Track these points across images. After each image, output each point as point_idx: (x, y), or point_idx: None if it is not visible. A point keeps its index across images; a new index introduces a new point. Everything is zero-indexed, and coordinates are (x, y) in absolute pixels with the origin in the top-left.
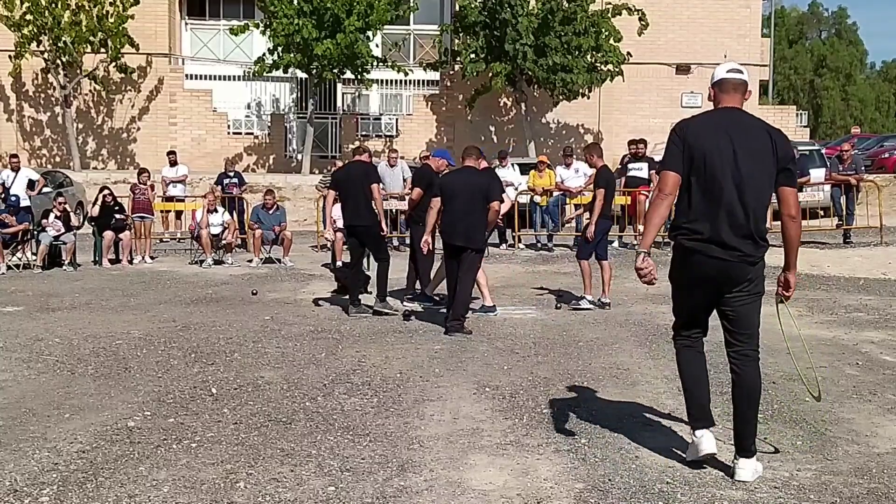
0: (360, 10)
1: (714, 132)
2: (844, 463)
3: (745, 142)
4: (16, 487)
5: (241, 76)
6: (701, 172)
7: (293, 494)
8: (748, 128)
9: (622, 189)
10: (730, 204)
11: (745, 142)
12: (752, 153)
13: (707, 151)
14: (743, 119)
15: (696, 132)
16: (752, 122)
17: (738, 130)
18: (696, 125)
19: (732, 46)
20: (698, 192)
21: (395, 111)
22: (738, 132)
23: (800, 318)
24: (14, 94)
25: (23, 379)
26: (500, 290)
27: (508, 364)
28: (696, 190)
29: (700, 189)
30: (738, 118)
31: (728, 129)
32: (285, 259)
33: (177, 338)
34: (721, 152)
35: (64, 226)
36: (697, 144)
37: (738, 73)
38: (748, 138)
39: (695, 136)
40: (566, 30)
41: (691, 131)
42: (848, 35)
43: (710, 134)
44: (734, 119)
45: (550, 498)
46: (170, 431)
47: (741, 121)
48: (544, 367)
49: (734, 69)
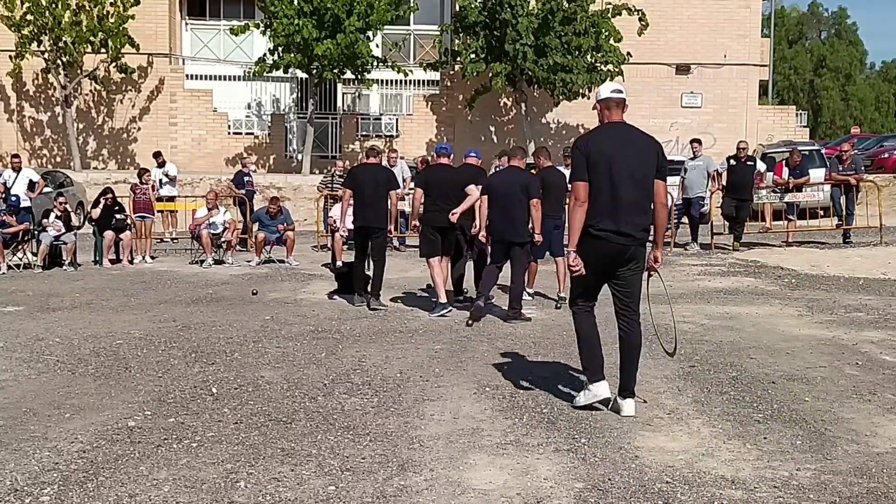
0: (360, 11)
1: (610, 144)
2: (844, 462)
3: (634, 150)
4: (16, 487)
5: (241, 76)
6: (603, 178)
7: (293, 494)
8: (635, 139)
9: None
10: (627, 201)
11: (634, 150)
12: (641, 159)
13: (606, 160)
14: (630, 131)
15: (595, 146)
16: (636, 133)
17: (627, 141)
18: (593, 140)
19: (732, 46)
20: (602, 193)
21: (396, 111)
22: (628, 143)
23: (800, 318)
24: (14, 94)
25: (23, 379)
26: (500, 289)
27: (508, 364)
28: (600, 191)
29: (603, 190)
30: (626, 131)
31: (620, 140)
32: (289, 259)
33: (177, 338)
34: (617, 160)
35: (64, 226)
36: (597, 156)
37: (619, 93)
38: (636, 147)
39: (594, 149)
40: (566, 30)
41: (591, 146)
42: (848, 35)
43: (607, 146)
44: (622, 132)
45: (550, 498)
46: (170, 431)
47: (629, 133)
48: (544, 367)
49: (616, 89)
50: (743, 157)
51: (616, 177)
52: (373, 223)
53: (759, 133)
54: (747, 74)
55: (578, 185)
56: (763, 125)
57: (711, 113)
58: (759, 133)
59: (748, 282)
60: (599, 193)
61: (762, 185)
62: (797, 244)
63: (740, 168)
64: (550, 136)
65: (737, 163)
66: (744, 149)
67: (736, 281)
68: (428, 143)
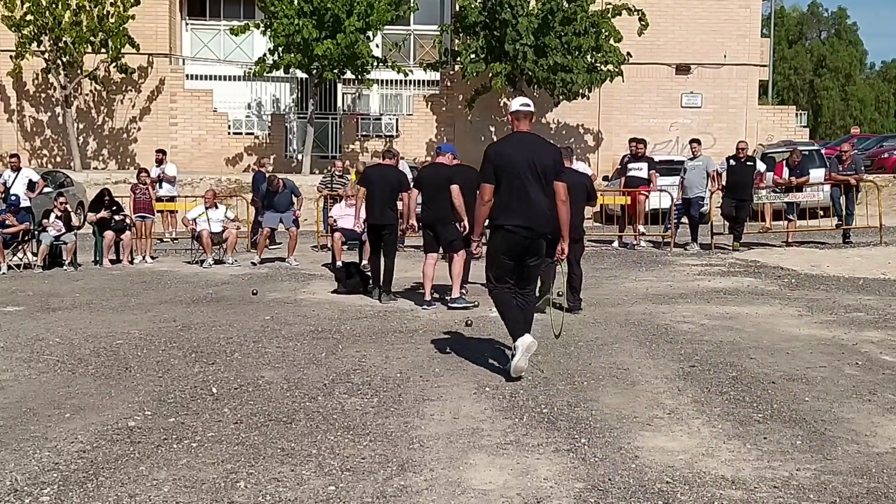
0: (360, 11)
1: (517, 151)
2: (844, 463)
3: (538, 156)
4: (16, 487)
5: (241, 76)
6: (511, 180)
7: (293, 494)
8: (538, 146)
9: (622, 189)
10: (532, 200)
11: (538, 156)
12: (543, 164)
13: (513, 165)
14: (535, 140)
15: (503, 153)
16: (540, 141)
17: (532, 148)
18: (502, 148)
19: (732, 46)
20: (510, 193)
21: (396, 111)
22: (533, 150)
23: (800, 318)
24: (15, 94)
25: (23, 379)
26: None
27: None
28: (508, 192)
29: (511, 191)
30: (531, 139)
31: (525, 148)
32: (290, 259)
33: (177, 338)
34: (523, 165)
35: (64, 226)
36: (505, 161)
37: (527, 106)
38: (540, 154)
39: (502, 155)
40: (566, 30)
41: (499, 153)
42: (848, 35)
43: (513, 152)
44: (528, 140)
45: (550, 498)
46: (170, 431)
47: (533, 141)
48: (544, 367)
49: (525, 103)
50: (743, 157)
51: (521, 179)
52: (384, 220)
53: (759, 133)
54: (747, 74)
55: (485, 187)
56: (763, 125)
57: (711, 113)
58: (759, 133)
59: (748, 282)
60: (508, 193)
61: (762, 185)
62: (797, 244)
63: (740, 168)
64: (550, 136)
65: (736, 163)
66: (743, 149)
67: (736, 281)
68: (428, 144)
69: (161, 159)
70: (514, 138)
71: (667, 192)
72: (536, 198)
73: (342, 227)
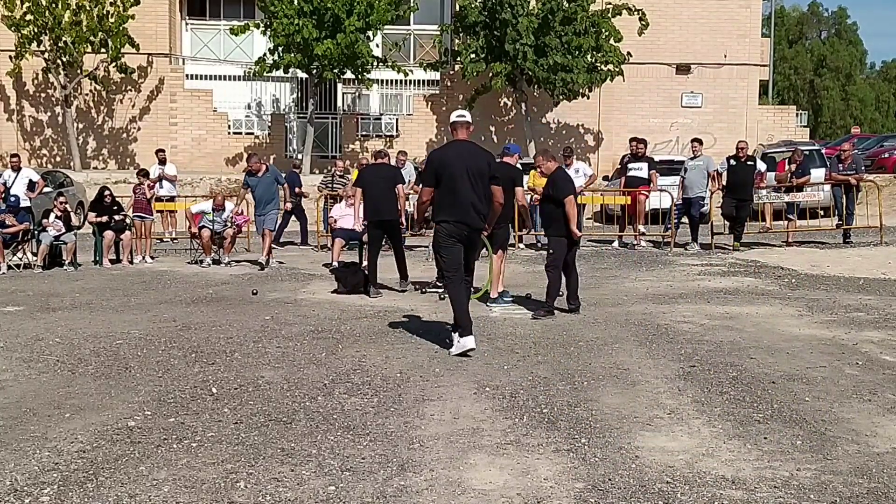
0: (360, 10)
1: (455, 158)
2: (844, 463)
3: (473, 162)
4: (16, 487)
5: (241, 76)
6: (449, 181)
7: (293, 494)
8: (474, 153)
9: (622, 189)
10: (468, 200)
11: (473, 162)
12: (478, 169)
13: (451, 170)
14: (471, 147)
15: (443, 159)
16: (476, 149)
17: (468, 155)
18: (442, 154)
19: (732, 46)
20: (449, 194)
21: (396, 111)
22: (469, 156)
23: (800, 318)
24: (14, 94)
25: (23, 379)
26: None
27: (508, 364)
28: (448, 193)
29: (450, 192)
30: (467, 147)
31: (462, 154)
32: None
33: (177, 338)
34: (459, 169)
35: (64, 226)
36: (443, 166)
37: (463, 117)
38: (475, 160)
39: (442, 162)
40: (566, 30)
41: (440, 159)
42: (848, 35)
43: (451, 159)
44: (465, 148)
45: (550, 498)
46: (170, 431)
47: (470, 149)
48: (544, 367)
49: (461, 115)
50: (743, 157)
51: (458, 181)
52: (382, 216)
53: (759, 133)
54: (747, 74)
55: (426, 190)
56: (763, 125)
57: (711, 113)
58: (759, 133)
59: (748, 282)
60: (448, 194)
61: (762, 185)
62: (797, 244)
63: (740, 168)
64: (550, 136)
65: (737, 163)
66: (743, 149)
67: (736, 281)
68: (428, 144)
69: (164, 158)
70: (453, 146)
71: (667, 192)
72: (470, 197)
73: (342, 227)
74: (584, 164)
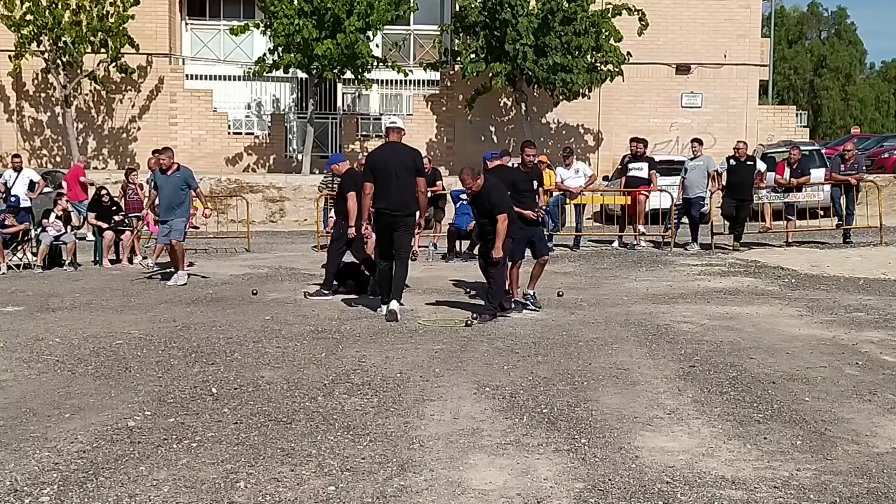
0: (360, 10)
1: (387, 157)
2: (844, 463)
3: (400, 160)
4: (16, 487)
5: (241, 76)
6: (382, 178)
7: (293, 494)
8: (402, 153)
9: (622, 189)
10: (395, 192)
11: (400, 160)
12: (405, 166)
13: (383, 166)
14: (399, 147)
15: (377, 158)
16: (405, 148)
17: (396, 155)
18: (377, 154)
19: (732, 46)
20: (382, 186)
21: (396, 111)
22: (397, 155)
23: (800, 318)
24: (14, 94)
25: (23, 379)
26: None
27: (508, 364)
28: (381, 186)
29: (383, 185)
30: (397, 147)
31: (392, 154)
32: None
33: (177, 338)
34: (389, 166)
35: (64, 226)
36: (377, 164)
37: (395, 124)
38: (402, 158)
39: (377, 160)
40: (566, 30)
41: (375, 158)
42: (847, 35)
43: (384, 157)
44: (395, 148)
45: (550, 498)
46: (170, 431)
47: (399, 149)
48: (544, 367)
49: (393, 121)
50: (743, 157)
51: (389, 176)
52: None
53: (759, 133)
54: (747, 74)
55: (365, 185)
56: (763, 125)
57: (711, 113)
58: (759, 133)
59: (748, 282)
60: (381, 187)
61: (762, 185)
62: (797, 244)
63: (740, 168)
64: (550, 136)
65: (737, 163)
66: (741, 149)
67: (736, 281)
68: (428, 144)
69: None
70: (386, 147)
71: (667, 192)
72: (398, 188)
73: None
74: (583, 164)
